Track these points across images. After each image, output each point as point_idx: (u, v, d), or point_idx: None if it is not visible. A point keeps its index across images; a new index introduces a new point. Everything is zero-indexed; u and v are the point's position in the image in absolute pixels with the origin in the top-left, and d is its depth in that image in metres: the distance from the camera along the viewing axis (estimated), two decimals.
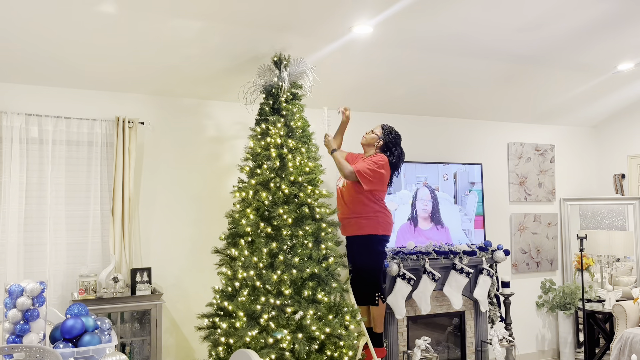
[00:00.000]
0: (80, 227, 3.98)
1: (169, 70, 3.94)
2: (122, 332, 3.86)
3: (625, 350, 4.38)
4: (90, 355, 2.73)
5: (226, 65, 3.94)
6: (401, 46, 3.89)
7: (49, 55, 3.57)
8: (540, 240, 5.68)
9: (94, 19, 3.21)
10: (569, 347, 5.42)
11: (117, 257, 3.91)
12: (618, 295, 5.09)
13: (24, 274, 3.78)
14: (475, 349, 4.83)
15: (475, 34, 3.74)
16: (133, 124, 4.05)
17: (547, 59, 4.30)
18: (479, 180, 5.18)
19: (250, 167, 3.65)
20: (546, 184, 5.77)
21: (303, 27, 3.51)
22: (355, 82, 4.43)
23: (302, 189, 3.54)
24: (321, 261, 3.49)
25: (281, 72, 3.69)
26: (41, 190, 3.87)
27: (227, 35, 3.54)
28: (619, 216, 5.71)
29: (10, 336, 2.66)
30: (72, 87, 4.03)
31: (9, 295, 2.70)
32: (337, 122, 4.38)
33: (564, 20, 3.60)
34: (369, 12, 3.34)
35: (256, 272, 3.38)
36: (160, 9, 3.17)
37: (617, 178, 5.86)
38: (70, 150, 3.98)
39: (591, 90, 5.10)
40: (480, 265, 4.82)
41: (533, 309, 5.65)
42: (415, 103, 4.97)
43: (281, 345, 3.21)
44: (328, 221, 3.57)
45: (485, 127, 5.57)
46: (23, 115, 3.81)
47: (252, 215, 3.48)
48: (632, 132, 5.79)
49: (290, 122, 3.66)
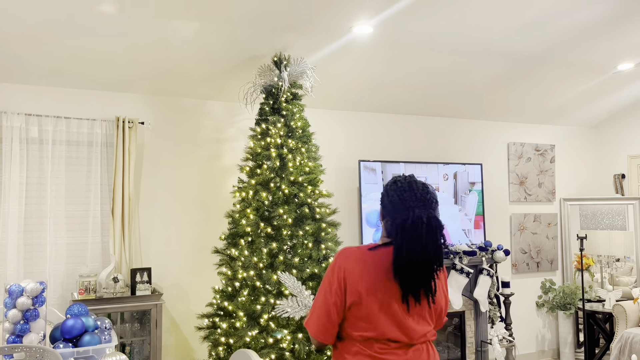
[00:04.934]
0: (80, 227, 3.98)
1: (168, 70, 3.94)
2: (122, 332, 3.86)
3: (625, 350, 4.38)
4: (90, 355, 2.73)
5: (226, 65, 3.94)
6: (401, 46, 3.89)
7: (49, 55, 3.57)
8: (540, 240, 5.68)
9: (94, 19, 3.21)
10: (569, 347, 5.42)
11: (117, 257, 3.91)
12: (618, 295, 5.09)
13: (24, 274, 3.78)
14: (475, 349, 4.83)
15: (475, 34, 3.74)
16: (133, 124, 4.05)
17: (547, 59, 4.30)
18: (479, 180, 5.18)
19: (250, 167, 3.65)
20: (546, 184, 5.77)
21: (303, 27, 3.51)
22: (355, 82, 4.43)
23: (302, 189, 3.54)
24: (321, 261, 3.49)
25: (281, 72, 3.69)
26: (41, 190, 3.87)
27: (227, 35, 3.53)
28: (619, 216, 5.71)
29: (10, 336, 2.66)
30: (72, 87, 4.03)
31: (9, 295, 2.70)
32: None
33: (564, 20, 3.60)
34: (369, 12, 3.34)
35: (256, 272, 3.38)
36: (160, 9, 3.17)
37: (617, 178, 5.86)
38: (70, 150, 3.98)
39: (591, 90, 5.10)
40: (480, 265, 4.82)
41: (533, 309, 5.64)
42: (415, 103, 4.97)
43: (281, 345, 3.21)
44: (328, 221, 3.57)
45: (485, 127, 5.57)
46: (23, 115, 3.81)
47: (252, 215, 3.48)
48: (632, 132, 5.78)
49: (291, 122, 3.66)
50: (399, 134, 5.14)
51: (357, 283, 1.72)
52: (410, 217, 1.70)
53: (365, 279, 1.72)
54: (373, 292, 1.71)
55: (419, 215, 1.69)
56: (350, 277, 1.73)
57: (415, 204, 1.73)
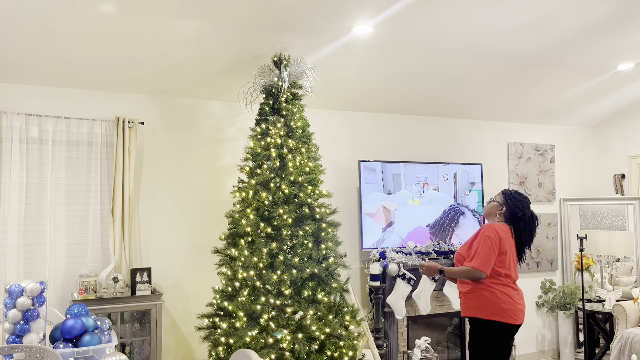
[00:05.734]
0: (80, 227, 3.98)
1: (169, 70, 3.94)
2: (122, 332, 3.86)
3: (625, 351, 4.38)
4: (90, 355, 2.73)
5: (226, 65, 3.94)
6: (401, 46, 3.89)
7: (49, 55, 3.57)
8: (540, 240, 5.68)
9: (94, 19, 3.21)
10: (569, 347, 5.42)
11: (117, 257, 3.91)
12: (618, 295, 5.09)
13: (24, 274, 3.78)
14: None
15: (475, 34, 3.74)
16: (133, 124, 4.05)
17: (547, 59, 4.30)
18: (479, 180, 5.18)
19: (250, 167, 3.65)
20: (546, 184, 5.77)
21: (303, 27, 3.51)
22: (355, 82, 4.43)
23: (302, 189, 3.54)
24: (321, 261, 3.49)
25: (281, 72, 3.69)
26: (41, 190, 3.87)
27: (227, 35, 3.53)
28: (619, 216, 5.71)
29: (10, 336, 2.66)
30: (72, 87, 4.03)
31: (9, 295, 2.70)
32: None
33: (564, 20, 3.60)
34: (369, 12, 3.34)
35: (256, 272, 3.38)
36: (160, 9, 3.17)
37: (617, 178, 5.86)
38: (70, 150, 3.98)
39: (591, 90, 5.10)
40: None
41: (533, 309, 5.64)
42: (415, 103, 4.97)
43: (281, 345, 3.21)
44: (328, 221, 3.57)
45: (485, 127, 5.57)
46: (23, 115, 3.81)
47: (252, 216, 3.48)
48: (632, 132, 5.78)
49: (290, 122, 3.66)
50: (399, 134, 5.14)
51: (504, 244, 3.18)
52: (527, 214, 3.28)
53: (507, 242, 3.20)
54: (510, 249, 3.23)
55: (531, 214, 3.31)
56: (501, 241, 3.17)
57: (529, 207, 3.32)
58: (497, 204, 3.34)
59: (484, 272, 3.07)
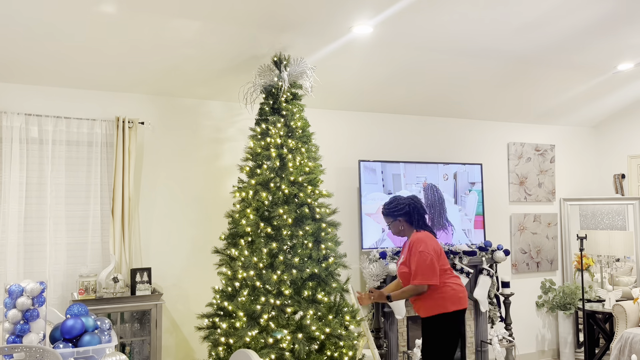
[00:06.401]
0: (80, 227, 3.98)
1: (168, 71, 3.94)
2: (122, 332, 3.86)
3: (625, 350, 4.38)
4: (90, 355, 2.73)
5: (226, 65, 3.94)
6: (401, 46, 3.89)
7: (49, 55, 3.57)
8: (540, 240, 5.68)
9: (94, 19, 3.21)
10: (569, 347, 5.42)
11: (117, 257, 3.91)
12: (618, 295, 5.09)
13: (24, 274, 3.78)
14: (475, 349, 4.83)
15: (475, 34, 3.74)
16: (133, 124, 4.05)
17: (547, 59, 4.30)
18: (479, 180, 5.18)
19: (250, 167, 3.65)
20: (546, 184, 5.77)
21: (303, 27, 3.51)
22: (355, 82, 4.43)
23: (302, 189, 3.54)
24: (321, 261, 3.49)
25: (281, 72, 3.69)
26: (41, 190, 3.87)
27: (227, 35, 3.54)
28: (619, 216, 5.71)
29: (10, 336, 2.66)
30: (72, 87, 4.03)
31: (9, 295, 2.70)
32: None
33: (564, 20, 3.60)
34: (369, 12, 3.34)
35: (256, 272, 3.38)
36: (160, 9, 3.17)
37: (617, 178, 5.86)
38: (70, 150, 3.98)
39: (591, 90, 5.10)
40: (480, 265, 4.82)
41: (533, 309, 5.64)
42: (415, 103, 4.97)
43: (281, 345, 3.21)
44: (328, 221, 3.57)
45: (485, 127, 5.57)
46: (23, 115, 3.81)
47: (252, 215, 3.48)
48: (632, 132, 5.78)
49: (290, 122, 3.66)
50: (399, 134, 5.15)
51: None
52: (409, 203, 3.50)
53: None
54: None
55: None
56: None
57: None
58: (393, 222, 3.54)
59: (426, 286, 3.32)
